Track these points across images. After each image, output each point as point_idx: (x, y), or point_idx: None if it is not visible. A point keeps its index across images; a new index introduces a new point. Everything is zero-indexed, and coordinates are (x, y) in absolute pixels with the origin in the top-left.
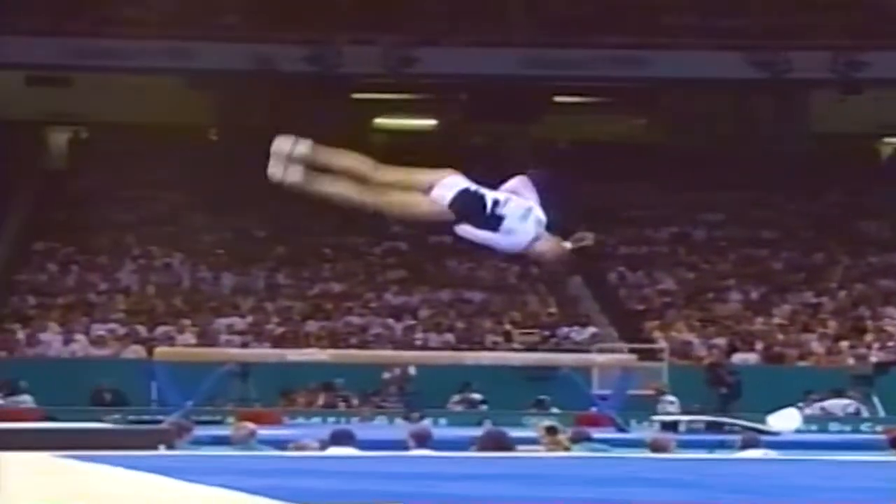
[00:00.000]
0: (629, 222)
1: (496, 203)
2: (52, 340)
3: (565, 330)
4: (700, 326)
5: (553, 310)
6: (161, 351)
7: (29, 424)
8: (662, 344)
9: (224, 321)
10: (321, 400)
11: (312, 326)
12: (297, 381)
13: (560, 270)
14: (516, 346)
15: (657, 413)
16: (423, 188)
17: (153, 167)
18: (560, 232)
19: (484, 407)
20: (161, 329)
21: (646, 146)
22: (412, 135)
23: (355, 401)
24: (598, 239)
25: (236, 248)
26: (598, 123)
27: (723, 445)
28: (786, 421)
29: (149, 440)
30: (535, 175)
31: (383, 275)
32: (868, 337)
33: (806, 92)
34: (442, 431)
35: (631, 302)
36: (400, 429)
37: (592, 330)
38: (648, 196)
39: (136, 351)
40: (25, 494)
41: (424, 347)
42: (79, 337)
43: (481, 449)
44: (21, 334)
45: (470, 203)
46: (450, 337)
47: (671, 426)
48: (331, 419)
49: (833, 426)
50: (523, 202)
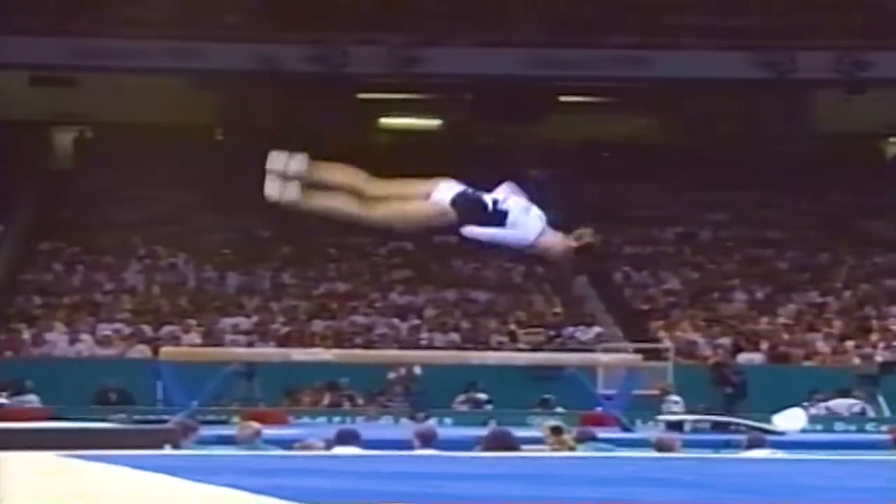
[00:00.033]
0: (634, 222)
1: (496, 201)
2: (58, 340)
3: (570, 330)
4: (705, 326)
5: (558, 309)
6: (166, 351)
7: (35, 424)
8: (667, 344)
9: (229, 321)
10: (326, 399)
11: (318, 326)
12: (303, 381)
13: (566, 268)
14: (521, 346)
15: (662, 413)
16: (420, 197)
17: (158, 167)
18: (561, 231)
19: (489, 407)
20: (166, 329)
21: (651, 146)
22: (417, 135)
23: (360, 400)
24: (603, 239)
25: (241, 248)
26: (604, 123)
27: (728, 445)
28: (791, 421)
29: (154, 440)
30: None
31: (388, 274)
32: (873, 337)
33: (811, 92)
34: (447, 431)
35: (636, 302)
36: (405, 428)
37: (597, 330)
38: (653, 196)
39: (142, 351)
40: (31, 494)
41: (430, 347)
42: (84, 337)
43: (486, 449)
44: (27, 334)
45: (471, 202)
46: (455, 337)
47: (676, 426)
48: (336, 419)
49: (838, 426)
50: (521, 200)
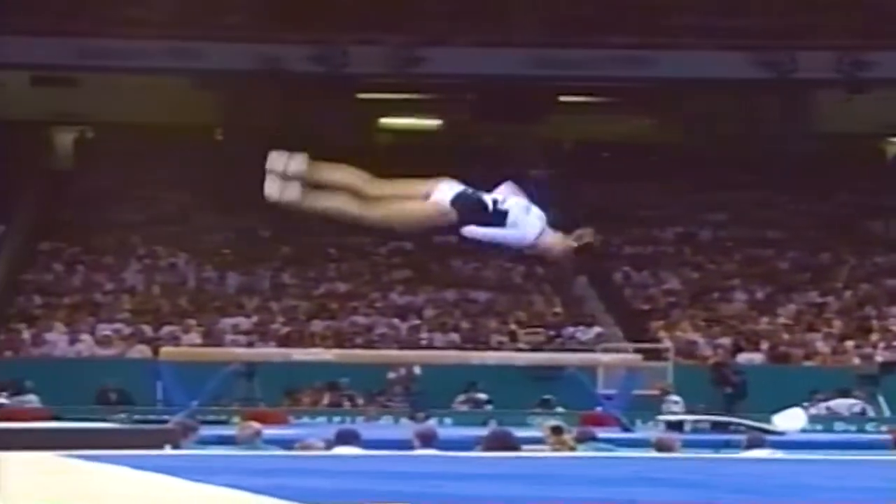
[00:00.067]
0: (634, 222)
1: (496, 201)
2: (58, 340)
3: (570, 330)
4: (705, 326)
5: (558, 309)
6: (166, 351)
7: (34, 424)
8: (667, 344)
9: (229, 321)
10: (326, 399)
11: (318, 326)
12: (303, 381)
13: (566, 268)
14: (521, 346)
15: (662, 413)
16: (420, 197)
17: (159, 167)
18: (561, 231)
19: (489, 407)
20: (166, 329)
21: (651, 146)
22: (418, 135)
23: (360, 400)
24: (603, 239)
25: (241, 248)
26: (604, 123)
27: (728, 445)
28: (791, 421)
29: (154, 440)
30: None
31: (388, 274)
32: (874, 337)
33: (811, 92)
34: (447, 431)
35: (636, 302)
36: (405, 428)
37: (598, 330)
38: (653, 196)
39: (142, 351)
40: (31, 494)
41: (430, 347)
42: (84, 337)
43: (486, 449)
44: (27, 334)
45: (471, 202)
46: (455, 337)
47: (676, 426)
48: (336, 419)
49: (838, 426)
50: (520, 199)
